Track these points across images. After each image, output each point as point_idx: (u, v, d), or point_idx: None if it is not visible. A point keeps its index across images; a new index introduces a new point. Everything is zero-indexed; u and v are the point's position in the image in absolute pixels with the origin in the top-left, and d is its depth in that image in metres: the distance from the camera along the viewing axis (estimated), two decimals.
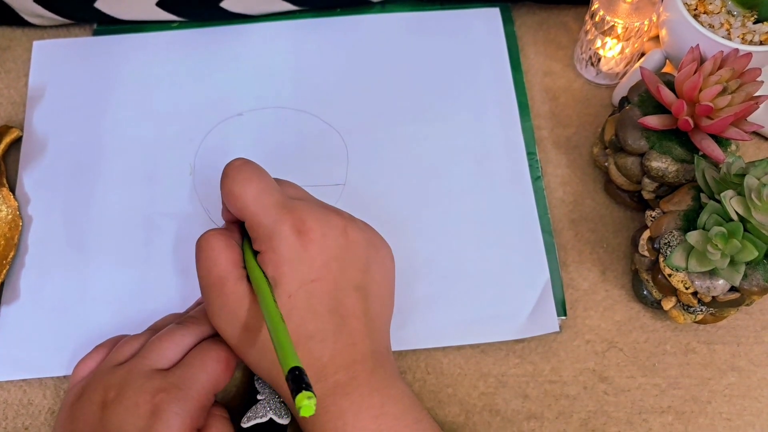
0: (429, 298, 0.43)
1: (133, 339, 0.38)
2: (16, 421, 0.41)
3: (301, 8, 0.52)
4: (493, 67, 0.51)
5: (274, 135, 0.48)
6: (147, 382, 0.34)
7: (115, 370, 0.35)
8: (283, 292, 0.34)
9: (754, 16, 0.43)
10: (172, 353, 0.36)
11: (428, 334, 0.42)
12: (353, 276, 0.35)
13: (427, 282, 0.43)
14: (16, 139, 0.47)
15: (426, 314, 0.43)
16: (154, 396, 0.33)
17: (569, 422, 0.41)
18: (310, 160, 0.47)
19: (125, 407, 0.33)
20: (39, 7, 0.49)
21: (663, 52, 0.47)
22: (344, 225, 0.36)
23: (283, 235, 0.34)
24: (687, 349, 0.43)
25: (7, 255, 0.43)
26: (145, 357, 0.35)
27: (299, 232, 0.34)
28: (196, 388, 0.34)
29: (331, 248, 0.35)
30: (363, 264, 0.36)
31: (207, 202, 0.46)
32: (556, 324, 0.42)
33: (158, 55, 0.51)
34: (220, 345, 0.36)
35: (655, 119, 0.41)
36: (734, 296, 0.38)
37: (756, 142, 0.50)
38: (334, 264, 0.35)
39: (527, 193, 0.46)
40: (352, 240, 0.36)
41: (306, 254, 0.34)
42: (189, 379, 0.34)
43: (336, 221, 0.35)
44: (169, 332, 0.37)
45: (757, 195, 0.35)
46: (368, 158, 0.47)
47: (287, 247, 0.34)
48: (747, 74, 0.40)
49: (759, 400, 0.42)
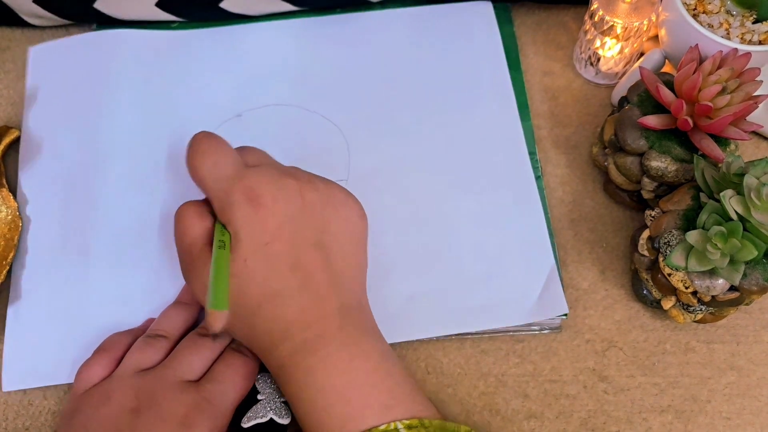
0: (436, 288, 0.43)
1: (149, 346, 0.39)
2: (16, 421, 0.41)
3: (300, 8, 0.52)
4: (490, 62, 0.51)
5: (275, 133, 0.48)
6: (180, 395, 0.36)
7: (144, 378, 0.37)
8: (239, 257, 0.35)
9: (753, 15, 0.43)
10: (200, 365, 0.38)
11: (437, 322, 0.42)
12: (310, 235, 0.36)
13: (434, 273, 0.44)
14: (16, 139, 0.47)
15: (433, 304, 0.43)
16: (187, 409, 0.35)
17: (569, 421, 0.41)
18: (312, 156, 0.47)
19: (159, 417, 0.34)
20: (38, 8, 0.49)
21: (662, 51, 0.47)
22: (299, 187, 0.37)
23: (235, 204, 0.35)
24: (686, 349, 0.43)
25: (6, 256, 0.43)
26: (174, 368, 0.37)
27: (250, 199, 0.35)
28: (226, 405, 0.37)
29: (283, 211, 0.36)
30: (320, 222, 0.37)
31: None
32: (565, 305, 0.42)
33: (158, 55, 0.51)
34: (246, 359, 0.38)
35: (655, 119, 0.41)
36: (734, 295, 0.38)
37: (755, 141, 0.50)
38: (288, 225, 0.36)
39: (530, 183, 0.46)
40: (308, 201, 0.37)
41: (257, 219, 0.35)
42: (220, 395, 0.36)
43: (290, 185, 0.36)
44: (196, 345, 0.38)
45: (757, 194, 0.35)
46: (369, 153, 0.47)
47: (240, 214, 0.35)
48: (746, 74, 0.40)
49: (758, 399, 0.42)
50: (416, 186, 0.46)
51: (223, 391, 0.36)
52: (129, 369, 0.37)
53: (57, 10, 0.50)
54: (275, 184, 0.36)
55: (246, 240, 0.35)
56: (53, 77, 0.50)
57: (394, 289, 0.43)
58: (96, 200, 0.46)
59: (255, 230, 0.35)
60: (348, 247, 0.38)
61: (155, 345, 0.39)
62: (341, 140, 0.48)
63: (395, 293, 0.43)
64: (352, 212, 0.39)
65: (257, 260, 0.35)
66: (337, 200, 0.38)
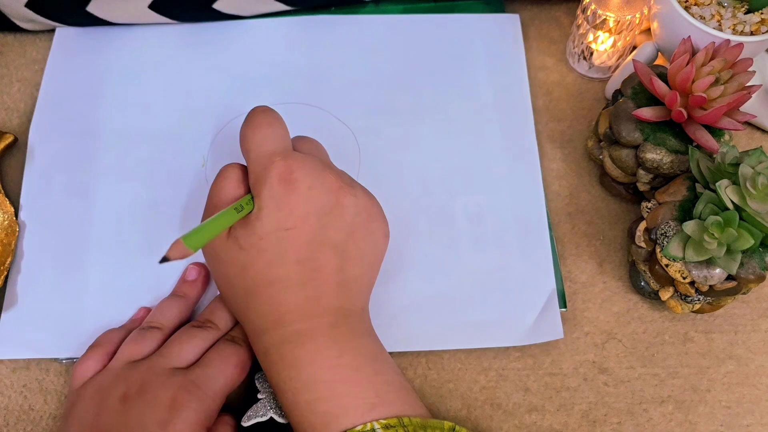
0: (433, 300, 0.43)
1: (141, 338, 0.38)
2: (17, 426, 0.41)
3: (293, 8, 0.52)
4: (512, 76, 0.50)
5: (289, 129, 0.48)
6: (168, 380, 0.35)
7: (135, 367, 0.37)
8: (255, 233, 0.35)
9: (745, 6, 0.43)
10: (191, 354, 0.37)
11: (431, 334, 0.42)
12: (333, 236, 0.36)
13: (433, 285, 0.43)
14: (10, 144, 0.47)
15: (429, 316, 0.42)
16: (174, 392, 0.35)
17: (570, 414, 0.41)
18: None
19: (146, 401, 0.34)
20: (31, 12, 0.49)
21: (655, 44, 0.47)
22: (338, 187, 0.36)
23: (268, 181, 0.35)
24: (685, 339, 0.43)
25: (4, 261, 0.43)
26: (165, 356, 0.37)
27: (285, 181, 0.35)
28: (214, 389, 0.36)
29: (314, 202, 0.35)
30: (348, 228, 0.36)
31: None
32: (561, 331, 0.42)
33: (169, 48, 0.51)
34: (239, 348, 0.38)
35: (649, 111, 0.41)
36: (731, 285, 0.38)
37: (748, 131, 0.50)
38: (314, 219, 0.35)
39: (538, 199, 0.46)
40: (342, 203, 0.36)
41: (285, 201, 0.35)
42: (208, 380, 0.36)
43: (330, 181, 0.36)
44: (188, 334, 0.38)
45: (752, 183, 0.35)
46: (379, 154, 0.47)
47: (269, 192, 0.35)
48: (739, 64, 0.40)
49: (757, 387, 0.42)
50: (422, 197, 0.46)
51: (211, 375, 0.36)
52: (121, 361, 0.38)
53: (50, 14, 0.49)
54: (315, 174, 0.36)
55: (267, 218, 0.35)
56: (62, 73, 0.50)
57: (391, 298, 0.43)
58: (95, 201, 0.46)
59: (280, 212, 0.35)
60: (367, 259, 0.38)
61: (148, 336, 0.39)
62: (352, 139, 0.48)
63: (392, 302, 0.43)
64: (379, 230, 0.38)
65: (270, 242, 0.35)
66: (370, 213, 0.38)
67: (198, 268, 0.43)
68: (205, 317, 0.40)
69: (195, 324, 0.39)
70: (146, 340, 0.38)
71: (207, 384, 0.36)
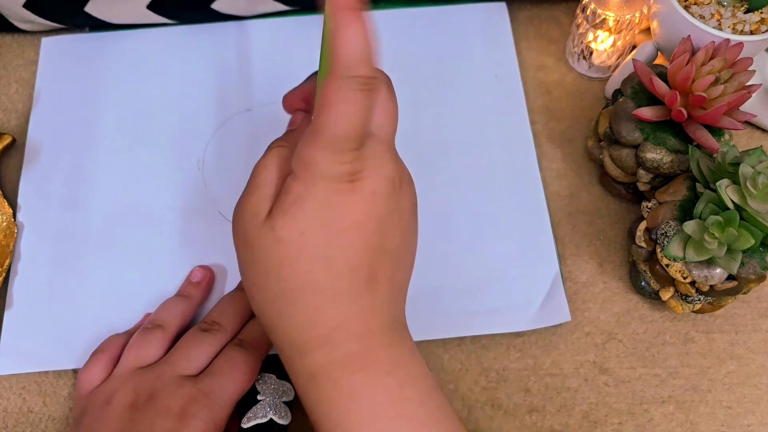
0: (440, 289, 0.43)
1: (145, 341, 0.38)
2: (16, 428, 0.40)
3: (292, 8, 0.52)
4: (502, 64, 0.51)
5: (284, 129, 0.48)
6: (177, 389, 0.35)
7: (143, 374, 0.36)
8: (294, 225, 0.28)
9: (744, 6, 0.43)
10: (199, 361, 0.37)
11: (438, 324, 0.42)
12: (390, 241, 0.30)
13: (438, 272, 0.44)
14: (9, 145, 0.47)
15: (436, 306, 0.43)
16: (184, 402, 0.34)
17: (571, 415, 0.41)
18: None
19: (156, 411, 0.34)
20: (29, 13, 0.49)
21: (654, 44, 0.47)
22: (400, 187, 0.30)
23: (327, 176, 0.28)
24: (686, 339, 0.43)
25: (3, 262, 0.43)
26: (173, 364, 0.37)
27: (348, 180, 0.28)
28: (224, 398, 0.36)
29: (376, 208, 0.29)
30: (404, 230, 0.31)
31: (217, 197, 0.46)
32: (568, 313, 0.42)
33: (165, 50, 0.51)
34: (247, 355, 0.38)
35: (649, 110, 0.41)
36: (732, 285, 0.38)
37: (748, 131, 0.50)
38: (373, 223, 0.29)
39: (536, 187, 0.46)
40: (401, 206, 0.31)
41: (341, 201, 0.28)
42: (219, 389, 0.36)
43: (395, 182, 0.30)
44: (196, 340, 0.38)
45: (753, 183, 0.35)
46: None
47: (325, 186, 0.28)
48: (739, 64, 0.40)
49: (758, 387, 0.42)
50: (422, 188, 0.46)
51: (221, 385, 0.36)
52: (128, 366, 0.37)
53: (48, 14, 0.49)
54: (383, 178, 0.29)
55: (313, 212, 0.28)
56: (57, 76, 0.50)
57: None
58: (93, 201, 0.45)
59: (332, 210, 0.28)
60: (411, 258, 0.33)
61: (152, 338, 0.38)
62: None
63: None
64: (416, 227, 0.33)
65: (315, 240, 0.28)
66: (415, 210, 0.33)
67: (203, 271, 0.43)
68: (212, 319, 0.39)
69: (202, 327, 0.39)
70: (151, 343, 0.38)
71: (217, 393, 0.36)
